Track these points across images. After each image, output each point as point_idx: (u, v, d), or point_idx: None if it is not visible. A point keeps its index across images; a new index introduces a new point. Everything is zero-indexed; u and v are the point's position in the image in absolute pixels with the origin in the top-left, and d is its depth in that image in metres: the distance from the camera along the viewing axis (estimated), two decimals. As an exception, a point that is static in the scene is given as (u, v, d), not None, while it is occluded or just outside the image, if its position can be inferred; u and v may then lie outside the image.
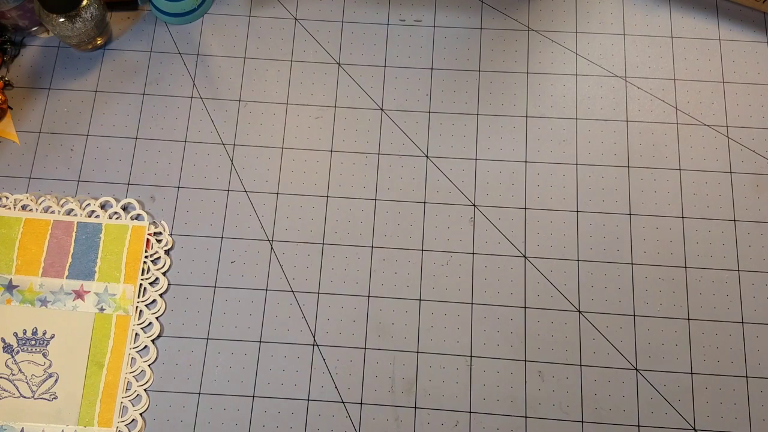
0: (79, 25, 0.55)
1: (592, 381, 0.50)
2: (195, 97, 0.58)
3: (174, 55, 0.60)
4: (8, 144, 0.57)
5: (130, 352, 0.51)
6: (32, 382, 0.50)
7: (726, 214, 0.55)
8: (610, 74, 0.58)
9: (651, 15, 0.60)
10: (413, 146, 0.57)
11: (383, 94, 0.58)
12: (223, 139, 0.57)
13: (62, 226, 0.54)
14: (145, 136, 0.57)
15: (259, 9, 0.61)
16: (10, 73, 0.59)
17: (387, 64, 0.59)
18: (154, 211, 0.55)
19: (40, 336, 0.51)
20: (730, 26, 0.59)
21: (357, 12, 0.61)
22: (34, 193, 0.55)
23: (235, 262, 0.54)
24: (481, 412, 0.50)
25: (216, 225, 0.55)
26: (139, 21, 0.61)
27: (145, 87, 0.59)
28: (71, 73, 0.59)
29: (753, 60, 0.58)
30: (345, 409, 0.50)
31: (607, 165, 0.56)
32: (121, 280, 0.53)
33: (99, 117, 0.58)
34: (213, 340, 0.52)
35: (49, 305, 0.52)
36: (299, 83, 0.59)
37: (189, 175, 0.56)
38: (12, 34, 0.60)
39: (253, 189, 0.56)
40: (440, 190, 0.55)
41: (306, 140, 0.57)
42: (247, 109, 0.58)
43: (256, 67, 0.59)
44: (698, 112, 0.57)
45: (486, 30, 0.60)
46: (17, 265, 0.53)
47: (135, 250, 0.53)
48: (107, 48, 0.60)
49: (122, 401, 0.50)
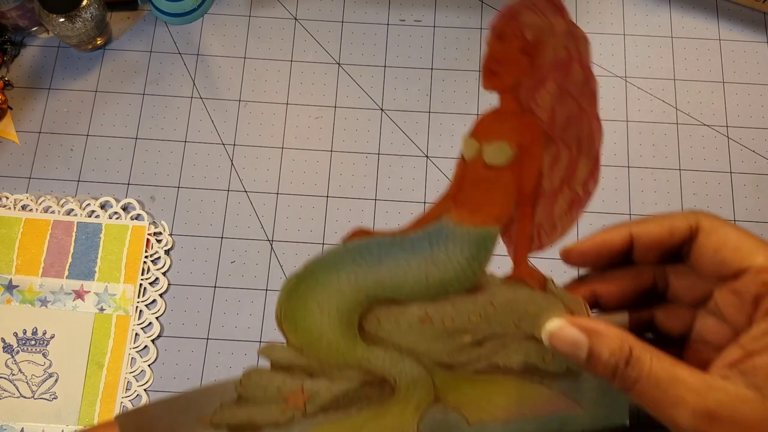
0: (79, 25, 0.55)
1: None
2: (195, 97, 0.58)
3: (174, 55, 0.60)
4: (8, 144, 0.57)
5: (130, 352, 0.51)
6: (32, 382, 0.50)
7: (726, 214, 0.55)
8: (610, 74, 0.58)
9: (651, 15, 0.60)
10: (413, 146, 0.57)
11: (383, 94, 0.58)
12: (223, 139, 0.57)
13: (62, 226, 0.54)
14: (145, 136, 0.57)
15: (259, 9, 0.61)
16: (10, 73, 0.59)
17: (387, 64, 0.59)
18: (154, 211, 0.55)
19: (40, 336, 0.51)
20: (730, 26, 0.59)
21: (357, 12, 0.61)
22: (34, 193, 0.55)
23: (235, 262, 0.54)
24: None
25: (216, 225, 0.55)
26: (139, 21, 0.61)
27: (145, 87, 0.59)
28: (71, 73, 0.59)
29: (753, 60, 0.58)
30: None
31: (607, 165, 0.56)
32: (121, 280, 0.53)
33: (99, 117, 0.58)
34: (213, 340, 0.52)
35: (49, 305, 0.52)
36: (299, 83, 0.59)
37: (189, 175, 0.56)
38: (12, 34, 0.60)
39: (253, 189, 0.56)
40: (441, 190, 0.55)
41: (306, 140, 0.57)
42: (247, 109, 0.58)
43: (256, 67, 0.59)
44: (698, 112, 0.57)
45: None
46: (17, 265, 0.53)
47: (135, 250, 0.53)
48: (107, 48, 0.60)
49: (122, 401, 0.50)
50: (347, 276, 0.41)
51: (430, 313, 0.42)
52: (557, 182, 0.40)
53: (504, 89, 0.38)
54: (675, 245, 0.40)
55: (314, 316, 0.41)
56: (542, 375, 0.42)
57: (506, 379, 0.42)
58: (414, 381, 0.42)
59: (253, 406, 0.41)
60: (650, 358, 0.36)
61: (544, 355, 0.42)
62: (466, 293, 0.41)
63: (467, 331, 0.42)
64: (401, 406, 0.42)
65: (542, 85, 0.38)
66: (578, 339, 0.37)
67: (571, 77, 0.38)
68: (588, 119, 0.39)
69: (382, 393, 0.42)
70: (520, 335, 0.42)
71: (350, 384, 0.41)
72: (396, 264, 0.41)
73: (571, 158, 0.40)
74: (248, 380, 0.41)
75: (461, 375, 0.42)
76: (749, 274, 0.38)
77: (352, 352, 0.42)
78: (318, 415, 0.41)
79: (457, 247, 0.41)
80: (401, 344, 0.42)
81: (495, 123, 0.39)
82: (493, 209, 0.40)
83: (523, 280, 0.41)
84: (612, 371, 0.37)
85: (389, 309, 0.42)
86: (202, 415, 0.40)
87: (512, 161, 0.39)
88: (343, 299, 0.41)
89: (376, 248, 0.41)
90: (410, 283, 0.41)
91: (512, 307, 0.42)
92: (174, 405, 0.41)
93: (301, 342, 0.41)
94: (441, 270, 0.41)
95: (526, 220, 0.41)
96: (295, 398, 0.41)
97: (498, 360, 0.42)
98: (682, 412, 0.34)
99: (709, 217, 0.39)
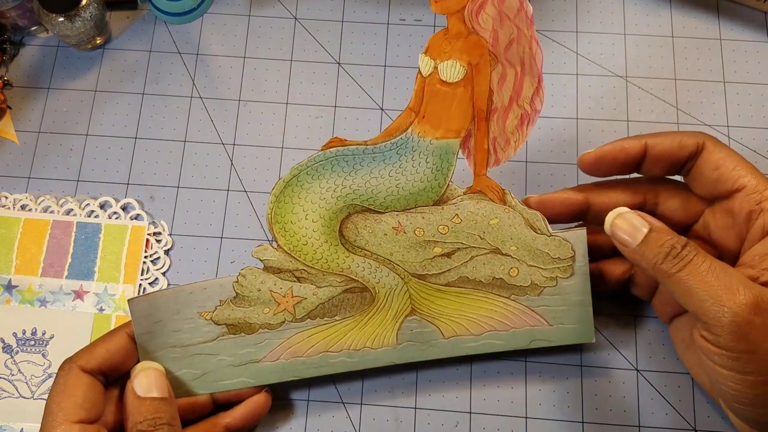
0: (78, 25, 0.55)
1: (593, 381, 0.50)
2: (195, 96, 0.58)
3: (174, 54, 0.60)
4: (7, 144, 0.57)
5: (130, 353, 0.51)
6: (32, 382, 0.50)
7: (726, 214, 0.54)
8: (611, 74, 0.58)
9: (651, 15, 0.60)
10: (413, 146, 0.57)
11: (383, 94, 0.58)
12: (223, 138, 0.57)
13: (61, 226, 0.54)
14: (145, 136, 0.57)
15: (259, 9, 0.61)
16: (10, 72, 0.59)
17: (387, 64, 0.59)
18: (154, 211, 0.55)
19: (40, 336, 0.51)
20: (730, 26, 0.59)
21: (357, 12, 0.61)
22: (33, 193, 0.55)
23: (235, 262, 0.54)
24: (480, 413, 0.50)
25: (216, 225, 0.55)
26: (138, 20, 0.61)
27: (144, 87, 0.59)
28: (71, 73, 0.59)
29: (753, 60, 0.58)
30: (345, 409, 0.50)
31: (607, 165, 0.55)
32: (121, 281, 0.53)
33: (98, 117, 0.58)
34: (213, 341, 0.52)
35: (49, 305, 0.52)
36: (299, 83, 0.59)
37: (189, 174, 0.56)
38: (11, 34, 0.59)
39: (253, 189, 0.56)
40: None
41: (306, 140, 0.57)
42: (247, 108, 0.58)
43: (256, 66, 0.59)
44: (699, 112, 0.57)
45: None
46: (16, 265, 0.53)
47: (134, 250, 0.53)
48: (107, 48, 0.60)
49: (122, 401, 0.50)
50: (327, 183, 0.45)
51: (402, 223, 0.46)
52: (506, 99, 0.45)
53: (451, 12, 0.43)
54: (682, 159, 0.44)
55: (300, 221, 0.45)
56: (509, 289, 0.46)
57: (476, 292, 0.46)
58: (391, 290, 0.46)
59: (249, 306, 0.45)
60: (701, 249, 0.40)
61: (510, 269, 0.46)
62: (435, 205, 0.46)
63: (437, 243, 0.46)
64: (381, 316, 0.46)
65: (483, 8, 0.43)
66: (639, 222, 0.41)
67: (506, 2, 0.43)
68: (528, 41, 0.44)
69: (363, 301, 0.46)
70: (486, 247, 0.46)
71: (334, 290, 0.46)
72: (370, 173, 0.46)
73: (516, 77, 0.44)
74: (244, 279, 0.45)
75: (434, 286, 0.46)
76: (742, 193, 0.42)
77: (334, 258, 0.45)
78: (306, 320, 0.45)
79: (423, 158, 0.45)
80: (378, 253, 0.46)
81: (446, 43, 0.44)
82: (451, 123, 0.45)
83: (483, 193, 0.46)
84: (667, 250, 0.39)
85: (366, 217, 0.46)
86: (203, 311, 0.45)
87: (464, 78, 0.44)
88: (325, 206, 0.45)
89: (351, 157, 0.46)
90: (383, 192, 0.45)
91: (476, 219, 0.46)
92: (178, 296, 0.45)
93: (289, 245, 0.45)
94: (409, 180, 0.45)
95: (482, 134, 0.45)
96: (285, 301, 0.45)
97: (467, 272, 0.46)
98: (732, 296, 0.37)
99: (713, 138, 0.43)
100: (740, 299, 0.37)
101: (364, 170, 0.46)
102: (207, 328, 0.45)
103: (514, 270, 0.46)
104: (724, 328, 0.37)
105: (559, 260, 0.45)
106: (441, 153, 0.45)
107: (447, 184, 0.45)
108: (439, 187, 0.45)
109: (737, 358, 0.37)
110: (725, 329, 0.37)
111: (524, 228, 0.45)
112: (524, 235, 0.45)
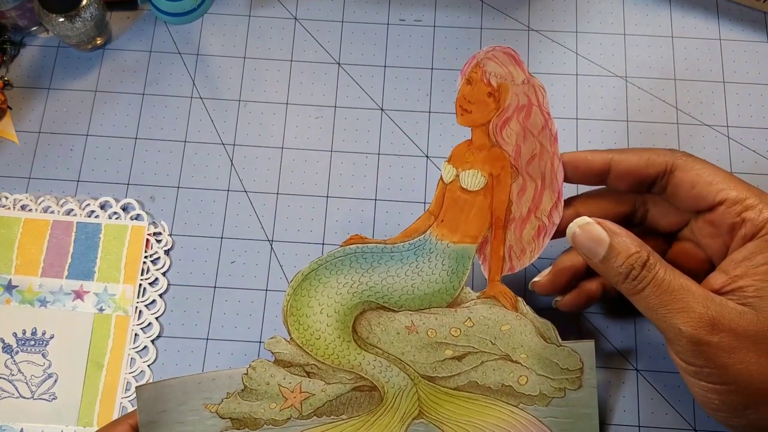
0: (78, 25, 0.55)
1: (593, 381, 0.50)
2: (195, 97, 0.58)
3: (174, 55, 0.60)
4: (7, 144, 0.57)
5: (130, 353, 0.51)
6: (31, 382, 0.50)
7: (726, 214, 0.54)
8: (611, 74, 0.58)
9: (651, 15, 0.60)
10: (413, 146, 0.57)
11: (383, 94, 0.58)
12: (223, 139, 0.57)
13: (62, 226, 0.54)
14: (145, 136, 0.57)
15: (259, 9, 0.61)
16: (10, 72, 0.59)
17: (387, 64, 0.59)
18: (154, 211, 0.55)
19: (40, 336, 0.51)
20: (730, 26, 0.59)
21: (357, 12, 0.61)
22: (33, 193, 0.55)
23: (235, 262, 0.54)
24: None
25: (216, 225, 0.55)
26: (138, 21, 0.61)
27: (144, 87, 0.59)
28: (71, 73, 0.59)
29: (754, 60, 0.58)
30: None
31: (607, 165, 0.55)
32: (121, 281, 0.53)
33: (98, 117, 0.58)
34: (213, 341, 0.52)
35: (49, 305, 0.52)
36: (299, 83, 0.59)
37: (189, 175, 0.56)
38: (11, 34, 0.60)
39: (253, 189, 0.56)
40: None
41: (306, 140, 0.57)
42: (247, 109, 0.58)
43: (256, 66, 0.59)
44: (699, 112, 0.57)
45: (486, 30, 0.60)
46: (17, 265, 0.53)
47: (134, 250, 0.53)
48: (107, 48, 0.60)
49: (122, 402, 0.50)
50: (344, 279, 0.46)
51: (415, 323, 0.46)
52: (525, 210, 0.45)
53: (476, 125, 0.45)
54: (650, 177, 0.43)
55: (315, 315, 0.45)
56: (517, 397, 0.45)
57: (484, 398, 0.46)
58: (400, 390, 0.45)
59: (256, 399, 0.44)
60: (663, 266, 0.40)
61: (519, 377, 0.45)
62: (448, 307, 0.46)
63: (448, 345, 0.45)
64: (388, 418, 0.45)
65: (507, 124, 0.44)
66: (601, 236, 0.41)
67: (532, 119, 0.44)
68: (550, 157, 0.45)
69: (371, 400, 0.45)
70: (497, 353, 0.45)
71: (343, 387, 0.45)
72: (387, 271, 0.46)
73: (536, 190, 0.45)
74: (254, 371, 0.45)
75: (443, 389, 0.46)
76: (723, 206, 0.42)
77: (345, 354, 0.45)
78: (312, 417, 0.45)
79: (439, 260, 0.46)
80: (390, 351, 0.45)
81: (469, 153, 0.45)
82: (469, 229, 0.46)
83: (496, 298, 0.46)
84: (626, 271, 0.40)
85: (380, 315, 0.46)
86: (209, 403, 0.44)
87: (485, 188, 0.45)
88: (340, 300, 0.45)
89: (370, 255, 0.46)
90: (399, 291, 0.46)
91: (488, 324, 0.46)
92: (186, 386, 0.45)
93: (302, 339, 0.45)
94: (425, 281, 0.46)
95: (498, 241, 0.46)
96: (293, 396, 0.45)
97: (477, 377, 0.45)
98: (688, 317, 0.38)
99: (685, 155, 0.43)
100: (695, 321, 0.38)
101: (381, 268, 0.46)
102: (211, 422, 0.44)
103: (524, 378, 0.45)
104: (683, 346, 0.38)
105: (567, 371, 0.45)
106: (457, 257, 0.46)
107: (461, 287, 0.46)
108: (454, 290, 0.46)
109: (699, 372, 0.39)
110: (684, 347, 0.38)
111: (535, 336, 0.45)
112: (534, 343, 0.45)
